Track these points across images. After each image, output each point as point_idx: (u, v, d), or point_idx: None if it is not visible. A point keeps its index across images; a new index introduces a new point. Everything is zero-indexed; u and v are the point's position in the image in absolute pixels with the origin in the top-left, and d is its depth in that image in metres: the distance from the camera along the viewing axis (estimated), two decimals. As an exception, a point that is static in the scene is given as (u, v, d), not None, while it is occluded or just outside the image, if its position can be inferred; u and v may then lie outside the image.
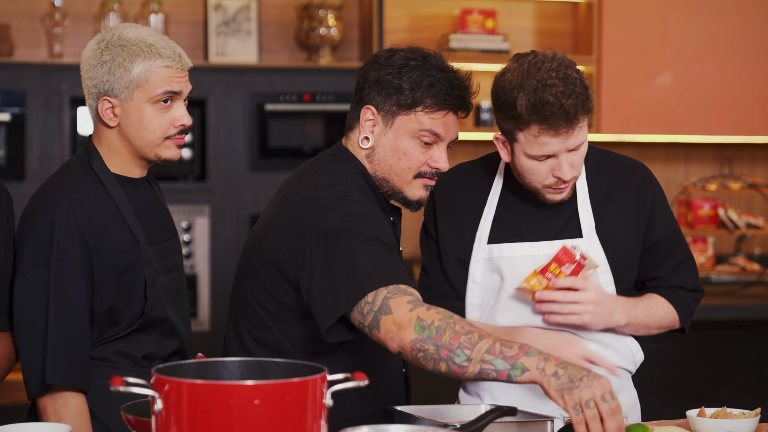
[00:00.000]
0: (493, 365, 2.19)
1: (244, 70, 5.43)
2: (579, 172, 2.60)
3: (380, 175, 2.59)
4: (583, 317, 2.59)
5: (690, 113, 5.73)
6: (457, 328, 2.22)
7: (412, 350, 2.24)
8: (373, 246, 2.37)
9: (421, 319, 2.23)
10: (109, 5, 5.46)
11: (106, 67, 2.52)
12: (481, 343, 2.20)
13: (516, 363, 2.18)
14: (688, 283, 2.80)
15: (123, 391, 1.86)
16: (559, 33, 5.94)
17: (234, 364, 2.01)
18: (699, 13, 5.71)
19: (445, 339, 2.21)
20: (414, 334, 2.23)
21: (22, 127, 5.20)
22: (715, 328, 5.17)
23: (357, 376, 1.94)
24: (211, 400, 1.80)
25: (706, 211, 5.64)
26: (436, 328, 2.22)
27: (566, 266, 2.58)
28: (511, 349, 2.19)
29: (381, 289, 2.29)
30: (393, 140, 2.56)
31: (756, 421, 2.46)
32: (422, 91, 2.53)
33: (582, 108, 2.50)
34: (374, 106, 2.56)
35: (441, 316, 2.24)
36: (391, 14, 5.71)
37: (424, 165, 2.58)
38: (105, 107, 2.54)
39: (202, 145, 5.36)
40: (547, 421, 2.35)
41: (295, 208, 2.50)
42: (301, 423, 1.85)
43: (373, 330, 2.29)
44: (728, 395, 5.11)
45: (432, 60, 2.56)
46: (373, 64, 2.58)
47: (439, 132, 2.55)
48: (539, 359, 2.17)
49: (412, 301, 2.28)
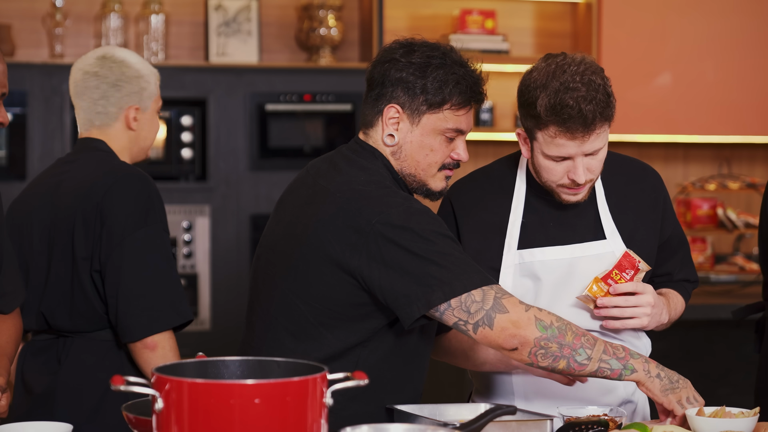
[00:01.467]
0: (609, 365, 2.43)
1: (245, 70, 5.44)
2: (596, 176, 2.63)
3: (407, 171, 2.62)
4: (643, 320, 2.67)
5: (689, 113, 5.74)
6: (574, 329, 2.43)
7: (534, 347, 2.40)
8: (450, 244, 2.47)
9: (540, 319, 2.41)
10: (110, 6, 5.48)
11: None
12: (598, 344, 2.43)
13: (627, 364, 2.45)
14: (691, 276, 2.93)
15: (124, 390, 1.86)
16: (558, 33, 5.95)
17: (234, 364, 2.01)
18: (698, 13, 5.72)
19: (568, 339, 2.42)
20: (537, 332, 2.40)
21: (23, 127, 5.21)
22: (714, 328, 5.18)
23: (357, 375, 1.95)
24: (212, 399, 1.81)
25: (705, 210, 5.65)
26: (557, 328, 2.42)
27: (627, 272, 2.65)
28: (620, 351, 2.45)
29: (487, 288, 2.42)
30: (420, 137, 2.58)
31: (755, 420, 2.46)
32: (449, 90, 2.56)
33: (601, 115, 2.52)
34: (399, 105, 2.57)
35: (556, 317, 2.44)
36: (391, 15, 5.72)
37: (447, 158, 2.61)
38: None
39: (202, 145, 5.38)
40: (547, 420, 2.36)
41: (341, 204, 2.51)
42: (302, 422, 1.85)
43: (481, 327, 2.41)
44: (727, 394, 5.11)
45: (452, 56, 2.59)
46: (393, 62, 2.58)
47: (463, 128, 2.59)
48: (642, 361, 2.46)
49: (522, 302, 2.44)
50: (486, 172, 2.85)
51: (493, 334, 2.40)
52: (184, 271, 5.35)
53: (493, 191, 2.79)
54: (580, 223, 2.73)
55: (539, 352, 2.40)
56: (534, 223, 2.73)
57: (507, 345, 2.40)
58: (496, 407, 2.27)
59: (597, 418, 2.43)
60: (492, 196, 2.78)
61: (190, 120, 5.38)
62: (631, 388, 2.75)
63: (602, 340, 2.44)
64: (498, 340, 2.41)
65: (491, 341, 2.42)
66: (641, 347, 2.79)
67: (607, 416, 2.45)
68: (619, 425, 2.43)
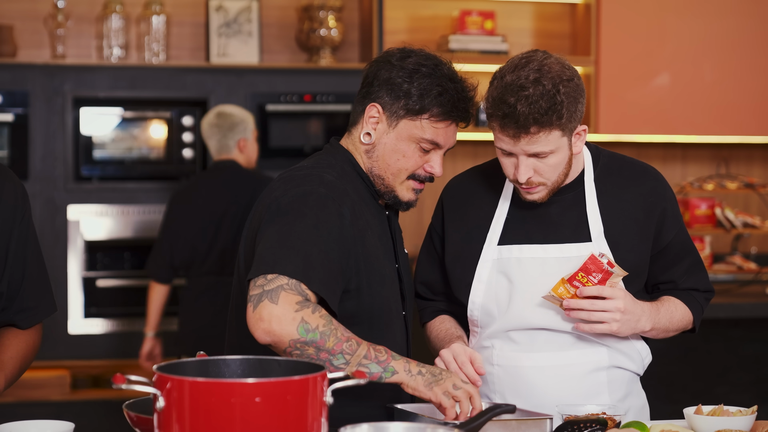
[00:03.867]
0: (368, 368, 2.36)
1: (245, 70, 5.46)
2: (549, 180, 2.58)
3: (376, 171, 2.62)
4: (611, 326, 2.57)
5: (687, 114, 5.75)
6: (338, 334, 2.33)
7: (288, 347, 2.31)
8: (314, 235, 2.41)
9: (306, 321, 2.31)
10: (112, 7, 5.49)
11: None
12: (360, 349, 2.36)
13: (387, 366, 2.37)
14: (701, 285, 2.79)
15: (125, 388, 1.87)
16: (557, 34, 5.96)
17: (235, 362, 2.03)
18: (695, 14, 5.73)
19: (329, 344, 2.33)
20: (296, 334, 2.30)
21: (25, 127, 5.22)
22: (713, 327, 5.18)
23: (357, 374, 1.97)
24: (213, 397, 1.82)
25: (703, 210, 5.65)
26: (321, 333, 2.31)
27: (594, 275, 2.57)
28: (382, 354, 2.38)
29: (284, 276, 2.33)
30: (394, 141, 2.58)
31: (753, 419, 2.46)
32: (430, 100, 2.55)
33: (536, 121, 2.46)
34: (381, 105, 2.59)
35: (325, 321, 2.32)
36: (391, 15, 5.73)
37: (420, 168, 2.60)
38: None
39: (203, 145, 5.39)
40: (547, 419, 2.36)
41: (270, 185, 2.57)
42: (302, 421, 1.86)
43: (249, 305, 2.33)
44: (725, 393, 5.13)
45: (443, 69, 2.58)
46: (386, 63, 2.59)
47: (440, 141, 2.58)
48: (404, 362, 2.38)
49: (301, 302, 2.32)
50: (481, 169, 2.84)
51: (250, 318, 2.32)
52: (185, 270, 5.38)
53: (484, 188, 2.77)
54: (563, 224, 2.67)
55: (294, 353, 2.32)
56: (517, 220, 2.70)
57: (258, 336, 2.32)
58: (495, 406, 2.28)
59: (595, 416, 2.42)
60: (482, 192, 2.77)
61: (191, 120, 5.40)
62: (618, 395, 2.70)
63: (366, 344, 2.36)
64: (253, 329, 2.32)
65: (249, 326, 2.33)
66: (631, 353, 2.72)
67: (605, 415, 2.44)
68: (617, 424, 2.42)
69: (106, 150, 5.37)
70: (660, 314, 2.68)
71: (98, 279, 5.32)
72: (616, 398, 2.68)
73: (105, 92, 5.34)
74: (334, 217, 2.47)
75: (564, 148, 2.55)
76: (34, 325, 2.65)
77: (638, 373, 2.77)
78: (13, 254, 2.59)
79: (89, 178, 5.32)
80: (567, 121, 2.51)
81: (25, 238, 2.61)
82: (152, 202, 5.36)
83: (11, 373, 2.59)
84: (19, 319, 2.62)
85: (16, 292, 2.60)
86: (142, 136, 5.42)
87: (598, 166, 2.73)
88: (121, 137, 5.39)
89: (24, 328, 2.63)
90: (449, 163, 5.79)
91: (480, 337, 2.73)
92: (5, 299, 2.60)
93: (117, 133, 5.39)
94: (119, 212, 5.34)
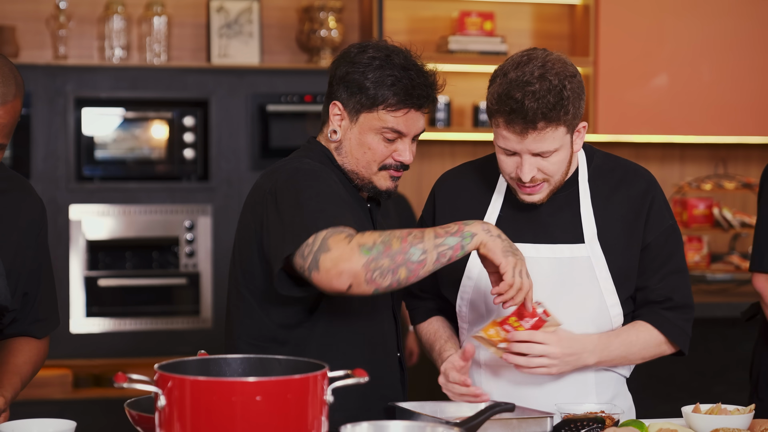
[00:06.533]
0: (446, 244, 2.34)
1: (246, 71, 5.47)
2: (552, 178, 2.57)
3: (348, 167, 2.67)
4: (551, 369, 2.53)
5: (685, 114, 5.76)
6: (398, 234, 2.34)
7: (366, 273, 2.31)
8: (321, 194, 2.46)
9: (362, 243, 2.32)
10: (113, 8, 5.51)
11: None
12: (426, 234, 2.35)
13: (463, 233, 2.37)
14: (676, 295, 2.68)
15: (127, 387, 1.89)
16: (556, 35, 5.97)
17: (236, 361, 2.04)
18: (694, 15, 5.74)
19: (395, 247, 2.32)
20: (363, 257, 2.30)
21: (27, 127, 5.24)
22: (710, 326, 5.19)
23: (357, 373, 1.98)
24: (214, 396, 1.84)
25: (701, 210, 5.67)
26: (382, 242, 2.32)
27: (526, 320, 2.52)
28: (451, 227, 2.38)
29: (324, 231, 2.35)
30: (358, 135, 2.63)
31: (750, 417, 2.47)
32: (383, 91, 2.59)
33: (544, 116, 2.46)
34: (341, 102, 2.64)
35: (378, 233, 2.35)
36: (391, 16, 5.75)
37: (389, 158, 2.64)
38: None
39: (204, 145, 5.41)
40: (547, 417, 2.38)
41: (257, 182, 2.64)
42: (302, 419, 1.88)
43: (313, 272, 2.34)
44: (723, 392, 5.12)
45: (395, 58, 2.61)
46: (343, 61, 2.65)
47: (401, 129, 2.61)
48: (480, 223, 2.39)
49: (349, 234, 2.35)
50: (475, 166, 2.83)
51: (321, 276, 2.32)
52: (187, 270, 5.40)
53: (478, 184, 2.77)
54: (555, 224, 2.66)
55: (375, 275, 2.31)
56: (508, 218, 2.69)
57: (338, 285, 2.32)
58: (495, 404, 2.29)
59: (594, 414, 2.44)
60: (475, 189, 2.76)
61: (192, 120, 5.42)
62: (606, 397, 2.70)
63: (430, 229, 2.36)
64: (330, 283, 2.32)
65: (324, 285, 2.34)
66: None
67: (604, 413, 2.46)
68: (615, 422, 2.44)
69: (108, 150, 5.38)
70: (611, 346, 2.62)
71: (100, 278, 5.34)
72: (603, 400, 2.68)
73: (106, 93, 5.36)
74: (330, 179, 2.55)
75: (567, 146, 2.56)
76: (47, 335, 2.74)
77: (625, 375, 2.76)
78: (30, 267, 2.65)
79: (91, 178, 5.34)
80: (572, 118, 2.51)
81: (42, 253, 2.69)
82: (153, 202, 5.38)
83: (26, 377, 2.67)
84: (34, 330, 2.70)
85: (30, 305, 2.68)
86: (144, 137, 5.44)
87: (591, 166, 2.72)
88: (122, 137, 5.41)
89: (39, 338, 2.72)
90: (450, 163, 5.81)
91: (468, 334, 2.74)
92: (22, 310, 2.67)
93: (118, 133, 5.41)
94: (121, 212, 5.36)
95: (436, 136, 5.81)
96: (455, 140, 5.91)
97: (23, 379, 2.65)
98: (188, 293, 5.39)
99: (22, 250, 2.63)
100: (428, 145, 5.88)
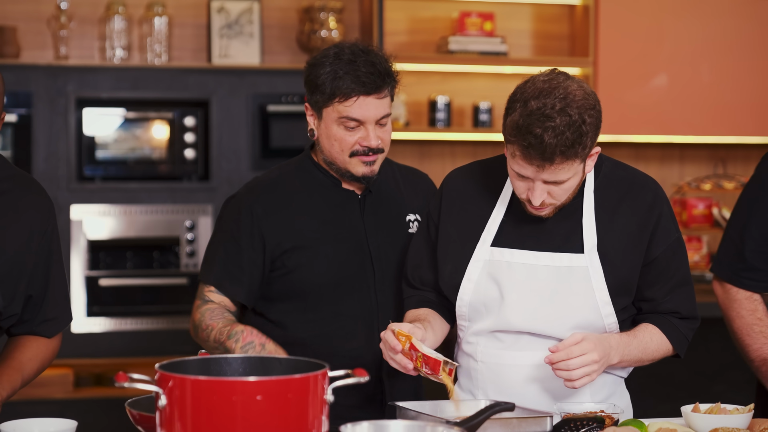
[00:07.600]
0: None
1: (247, 71, 5.48)
2: (561, 201, 2.57)
3: (327, 159, 2.91)
4: (592, 376, 2.51)
5: (684, 114, 5.76)
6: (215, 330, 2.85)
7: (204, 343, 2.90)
8: (214, 243, 2.97)
9: (192, 319, 2.95)
10: (114, 8, 5.51)
11: None
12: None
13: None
14: (683, 308, 2.72)
15: (128, 386, 1.90)
16: (556, 35, 5.98)
17: (236, 361, 2.05)
18: (693, 16, 5.74)
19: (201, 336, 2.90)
20: (193, 332, 2.93)
21: (28, 127, 5.24)
22: (710, 325, 5.17)
23: (357, 372, 2.00)
24: (214, 396, 1.84)
25: (701, 210, 5.67)
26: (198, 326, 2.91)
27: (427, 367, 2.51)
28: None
29: (200, 283, 2.97)
30: (325, 129, 2.87)
31: (749, 417, 2.48)
32: (334, 85, 2.80)
33: (562, 153, 2.44)
34: (308, 102, 2.90)
35: (208, 316, 2.89)
36: (391, 17, 5.75)
37: (356, 145, 2.85)
38: None
39: (205, 145, 5.42)
40: (547, 417, 2.39)
41: None
42: (303, 418, 1.89)
43: None
44: (722, 391, 5.12)
45: (343, 54, 2.83)
46: (308, 65, 2.89)
47: (356, 116, 2.82)
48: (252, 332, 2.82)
49: (204, 301, 2.93)
50: (484, 165, 2.83)
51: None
52: (187, 270, 5.41)
53: (484, 186, 2.77)
54: (557, 232, 2.65)
55: (212, 345, 2.85)
56: (512, 223, 2.68)
57: None
58: (495, 404, 2.30)
59: (594, 414, 2.44)
60: (481, 190, 2.76)
61: (193, 121, 5.43)
62: (600, 396, 2.69)
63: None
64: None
65: None
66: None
67: (603, 413, 2.46)
68: (615, 422, 2.44)
69: (109, 150, 5.39)
70: (631, 347, 2.63)
71: (101, 278, 5.35)
72: (597, 399, 2.68)
73: (107, 93, 5.37)
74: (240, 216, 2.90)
75: (579, 173, 2.55)
76: (57, 334, 2.73)
77: (622, 376, 2.77)
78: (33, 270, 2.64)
79: (92, 178, 5.35)
80: (588, 150, 2.51)
81: (49, 252, 2.67)
82: (154, 202, 5.39)
83: (29, 374, 2.66)
84: (42, 330, 2.70)
85: (38, 305, 2.67)
86: (145, 137, 5.45)
87: (599, 176, 2.71)
88: (123, 137, 5.42)
89: (49, 337, 2.72)
90: (450, 163, 5.82)
91: (466, 333, 2.74)
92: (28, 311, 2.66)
93: (119, 133, 5.41)
94: (122, 212, 5.37)
95: (436, 137, 5.82)
96: (455, 140, 5.92)
97: (25, 376, 2.64)
98: (189, 293, 5.39)
99: (22, 254, 2.61)
100: (428, 145, 5.89)
